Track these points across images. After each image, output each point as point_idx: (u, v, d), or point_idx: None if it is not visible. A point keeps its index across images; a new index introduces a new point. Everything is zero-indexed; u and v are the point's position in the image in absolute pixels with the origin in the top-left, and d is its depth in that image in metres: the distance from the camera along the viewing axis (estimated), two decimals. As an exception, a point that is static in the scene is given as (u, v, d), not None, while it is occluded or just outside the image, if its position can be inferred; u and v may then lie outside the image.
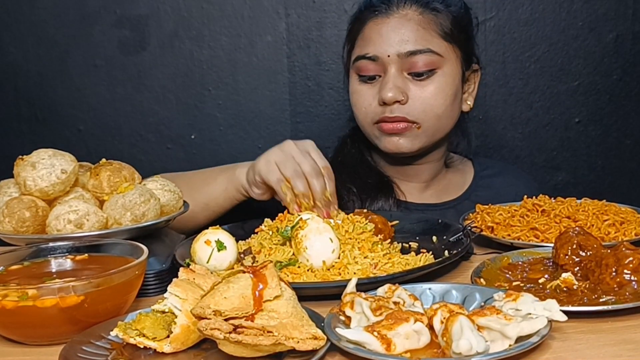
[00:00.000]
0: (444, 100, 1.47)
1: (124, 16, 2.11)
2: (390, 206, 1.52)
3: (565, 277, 0.96)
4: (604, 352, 0.80)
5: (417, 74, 1.45)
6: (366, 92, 1.50)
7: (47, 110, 2.16)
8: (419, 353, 0.78)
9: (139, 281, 0.95)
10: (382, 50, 1.46)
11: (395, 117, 1.46)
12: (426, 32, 1.46)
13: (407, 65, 1.45)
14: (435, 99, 1.46)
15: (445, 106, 1.48)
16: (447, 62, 1.48)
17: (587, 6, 2.12)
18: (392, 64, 1.45)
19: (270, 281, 0.82)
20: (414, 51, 1.44)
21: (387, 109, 1.46)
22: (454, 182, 1.66)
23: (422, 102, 1.46)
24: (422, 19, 1.46)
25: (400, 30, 1.46)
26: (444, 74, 1.47)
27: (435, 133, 1.50)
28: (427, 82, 1.46)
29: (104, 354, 0.82)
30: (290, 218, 1.19)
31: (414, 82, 1.46)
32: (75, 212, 1.07)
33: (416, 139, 1.49)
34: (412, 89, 1.46)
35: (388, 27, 1.47)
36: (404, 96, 1.45)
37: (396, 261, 1.10)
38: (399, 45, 1.45)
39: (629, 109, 2.18)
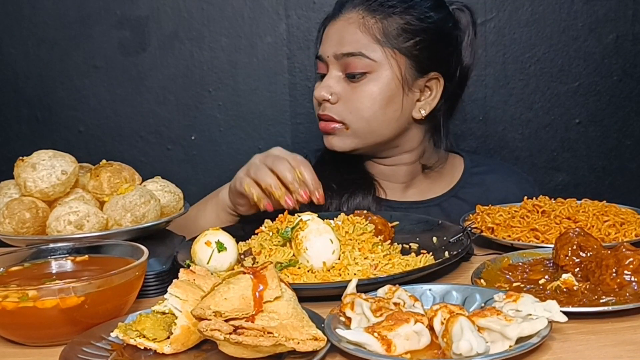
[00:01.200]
0: (371, 104, 1.47)
1: (124, 17, 2.11)
2: (369, 203, 1.52)
3: (566, 278, 0.96)
4: (604, 353, 0.80)
5: (351, 75, 1.48)
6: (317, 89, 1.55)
7: (47, 111, 2.16)
8: (419, 354, 0.78)
9: (139, 282, 0.95)
10: (324, 50, 1.51)
11: (324, 114, 1.50)
12: (363, 36, 1.47)
13: (342, 66, 1.49)
14: (362, 102, 1.47)
15: (373, 110, 1.47)
16: (382, 68, 1.47)
17: (588, 7, 2.12)
18: (331, 65, 1.50)
19: (271, 282, 0.82)
20: (347, 53, 1.47)
21: (321, 107, 1.51)
22: (440, 180, 1.64)
23: (350, 104, 1.48)
24: (363, 23, 1.48)
25: (341, 33, 1.50)
26: (376, 78, 1.47)
27: (367, 136, 1.50)
28: (358, 84, 1.48)
29: (105, 355, 0.83)
30: (290, 219, 1.19)
31: (349, 83, 1.49)
32: (76, 213, 1.07)
33: (347, 139, 1.51)
34: (346, 89, 1.49)
35: (333, 29, 1.52)
36: (332, 96, 1.48)
37: (396, 262, 1.10)
38: (336, 46, 1.49)
39: (629, 110, 2.18)
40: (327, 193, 1.51)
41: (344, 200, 1.52)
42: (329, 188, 1.52)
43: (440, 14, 1.53)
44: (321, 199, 1.29)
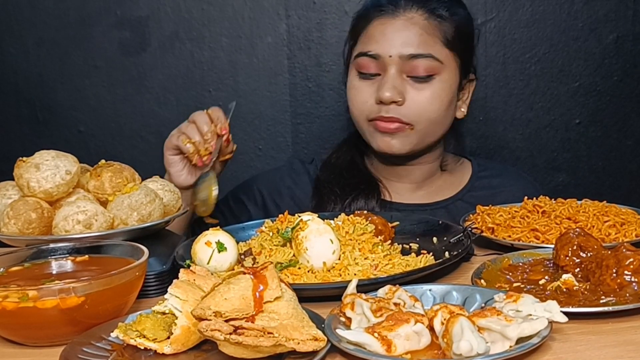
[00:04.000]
0: (439, 106, 1.49)
1: (125, 17, 2.11)
2: (373, 206, 1.52)
3: (566, 278, 0.96)
4: (604, 353, 0.80)
5: (416, 77, 1.47)
6: (364, 88, 1.50)
7: (47, 111, 2.16)
8: (420, 354, 0.78)
9: (139, 282, 0.95)
10: (384, 50, 1.47)
11: (390, 117, 1.47)
12: (430, 37, 1.47)
13: (407, 67, 1.46)
14: (431, 103, 1.48)
15: (439, 111, 1.49)
16: (446, 69, 1.49)
17: (588, 7, 2.12)
18: (392, 65, 1.46)
19: (271, 282, 0.82)
20: (416, 55, 1.45)
21: (384, 108, 1.47)
22: (448, 183, 1.66)
23: (418, 105, 1.47)
24: (427, 24, 1.48)
25: (405, 33, 1.47)
26: (442, 80, 1.48)
27: (426, 136, 1.52)
28: (424, 86, 1.47)
29: (105, 355, 0.82)
30: (290, 219, 1.19)
31: (412, 85, 1.47)
32: (84, 213, 1.08)
33: (407, 140, 1.50)
34: (409, 91, 1.47)
35: (393, 28, 1.48)
36: (401, 97, 1.46)
37: (396, 262, 1.10)
38: (401, 47, 1.46)
39: (629, 110, 2.18)
40: (331, 197, 1.52)
41: (347, 204, 1.52)
42: (332, 193, 1.53)
43: (471, 19, 1.58)
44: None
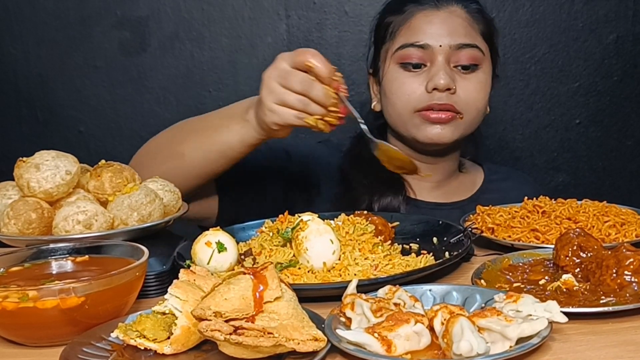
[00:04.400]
0: (484, 95, 1.53)
1: (125, 17, 2.11)
2: (399, 203, 1.53)
3: (566, 278, 0.96)
4: (604, 353, 0.80)
5: (463, 66, 1.50)
6: (410, 79, 1.51)
7: (47, 111, 2.16)
8: (420, 354, 0.78)
9: (139, 282, 0.95)
10: (433, 39, 1.49)
11: (443, 104, 1.48)
12: (471, 29, 1.52)
13: (454, 57, 1.49)
14: (478, 92, 1.52)
15: (484, 101, 1.54)
16: (486, 61, 1.54)
17: (588, 7, 2.12)
18: (440, 54, 1.49)
19: (271, 282, 0.82)
20: (464, 44, 1.49)
21: (436, 96, 1.48)
22: (463, 185, 1.68)
23: (468, 94, 1.50)
24: (467, 17, 1.53)
25: (450, 24, 1.51)
26: (484, 71, 1.53)
27: (470, 126, 1.55)
28: (471, 76, 1.51)
29: (105, 355, 0.82)
30: (290, 219, 1.19)
31: (460, 74, 1.50)
32: (84, 213, 1.08)
33: (457, 130, 1.51)
34: (458, 80, 1.50)
35: (439, 19, 1.51)
36: (454, 85, 1.48)
37: (397, 262, 1.09)
38: (450, 36, 1.49)
39: (629, 110, 2.18)
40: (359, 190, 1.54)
41: (375, 199, 1.53)
42: (361, 185, 1.54)
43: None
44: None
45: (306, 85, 1.18)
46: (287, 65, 1.20)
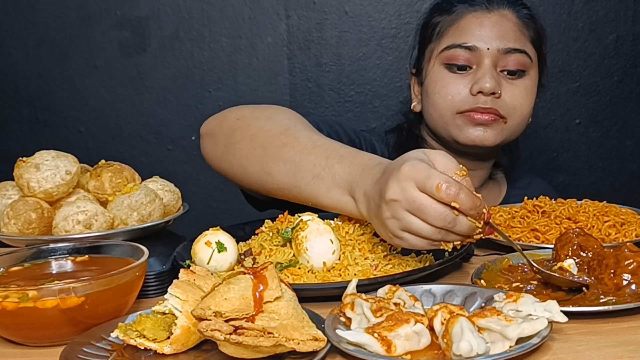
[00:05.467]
0: (530, 102, 1.51)
1: (125, 17, 2.11)
2: None
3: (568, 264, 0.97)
4: (604, 353, 0.80)
5: (510, 72, 1.48)
6: (456, 80, 1.49)
7: (47, 111, 2.16)
8: (420, 354, 0.78)
9: (139, 282, 0.95)
10: (481, 42, 1.47)
11: (488, 108, 1.46)
12: (521, 34, 1.50)
13: (502, 62, 1.47)
14: (524, 98, 1.49)
15: (529, 108, 1.51)
16: (534, 68, 1.52)
17: (588, 7, 2.12)
18: (487, 58, 1.47)
19: (271, 282, 0.82)
20: (512, 49, 1.47)
21: (481, 99, 1.46)
22: (492, 191, 1.68)
23: (514, 99, 1.48)
24: (518, 22, 1.50)
25: (501, 27, 1.48)
26: (531, 77, 1.51)
27: (513, 133, 1.52)
28: (518, 81, 1.49)
29: (105, 355, 0.82)
30: (290, 219, 1.19)
31: (506, 79, 1.48)
32: (84, 213, 1.08)
33: (500, 134, 1.49)
34: (504, 85, 1.48)
35: (489, 22, 1.49)
36: (499, 90, 1.46)
37: (396, 262, 1.09)
38: (499, 40, 1.47)
39: (629, 110, 2.19)
40: None
41: None
42: None
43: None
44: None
45: (449, 223, 0.94)
46: (417, 193, 0.94)
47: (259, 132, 1.22)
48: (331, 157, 1.11)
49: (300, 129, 1.22)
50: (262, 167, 1.18)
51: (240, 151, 1.22)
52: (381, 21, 2.15)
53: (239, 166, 1.21)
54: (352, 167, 1.08)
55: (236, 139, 1.24)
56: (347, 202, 1.08)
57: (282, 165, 1.15)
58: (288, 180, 1.15)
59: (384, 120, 1.77)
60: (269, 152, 1.18)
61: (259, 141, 1.20)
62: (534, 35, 1.52)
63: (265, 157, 1.18)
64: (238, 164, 1.21)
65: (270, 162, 1.17)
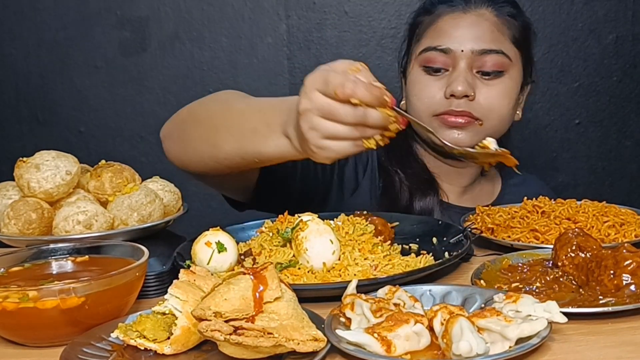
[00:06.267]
0: (508, 102, 1.50)
1: (125, 17, 2.11)
2: (433, 205, 1.52)
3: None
4: (604, 353, 0.80)
5: (486, 73, 1.47)
6: (431, 83, 1.49)
7: (47, 111, 2.16)
8: (419, 355, 0.78)
9: (139, 283, 0.95)
10: (456, 44, 1.47)
11: (461, 111, 1.46)
12: (500, 34, 1.48)
13: (477, 63, 1.47)
14: (500, 99, 1.48)
15: (508, 109, 1.50)
16: (514, 67, 1.50)
17: (587, 8, 2.12)
18: (462, 60, 1.46)
19: (271, 283, 0.82)
20: (487, 50, 1.46)
21: (454, 102, 1.46)
22: (485, 189, 1.68)
23: (488, 101, 1.47)
24: (497, 21, 1.49)
25: (476, 28, 1.48)
26: (510, 77, 1.50)
27: (494, 133, 1.50)
28: (494, 82, 1.48)
29: (105, 356, 0.83)
30: (290, 220, 1.19)
31: (482, 80, 1.48)
32: (84, 213, 1.08)
33: (476, 136, 1.48)
34: (479, 86, 1.47)
35: (465, 23, 1.48)
36: (472, 92, 1.46)
37: (396, 263, 1.10)
38: (473, 42, 1.46)
39: (628, 111, 2.19)
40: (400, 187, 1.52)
41: (417, 198, 1.51)
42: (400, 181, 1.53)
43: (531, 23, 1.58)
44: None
45: (359, 116, 0.99)
46: (323, 98, 0.99)
47: (204, 114, 1.28)
48: (263, 109, 1.17)
49: (239, 99, 1.28)
50: (210, 142, 1.23)
51: (191, 137, 1.27)
52: (381, 21, 2.15)
53: (193, 152, 1.25)
54: (281, 110, 1.11)
55: (187, 128, 1.29)
56: (284, 144, 1.11)
57: (225, 133, 1.20)
58: (232, 145, 1.19)
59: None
60: (213, 128, 1.23)
61: (204, 121, 1.26)
62: (516, 33, 1.51)
63: (212, 133, 1.23)
64: (192, 150, 1.25)
65: (216, 136, 1.22)
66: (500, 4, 1.51)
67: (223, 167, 1.25)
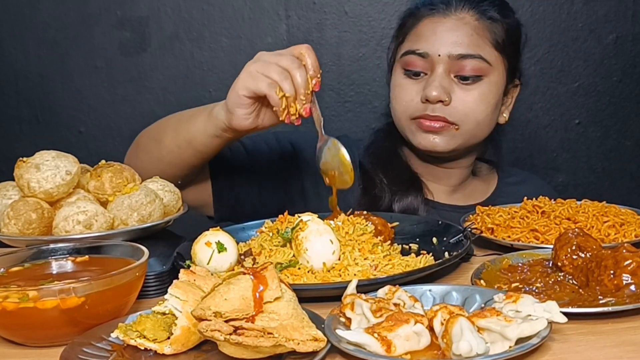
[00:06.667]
0: (485, 107, 1.49)
1: (125, 17, 2.11)
2: (418, 204, 1.52)
3: None
4: (604, 353, 0.80)
5: (464, 77, 1.46)
6: (409, 87, 1.50)
7: (47, 111, 2.16)
8: (419, 355, 0.78)
9: (139, 283, 0.95)
10: (433, 48, 1.46)
11: (436, 116, 1.46)
12: (479, 38, 1.47)
13: (455, 67, 1.46)
14: (477, 104, 1.47)
15: (485, 113, 1.49)
16: (495, 71, 1.49)
17: (587, 8, 2.12)
18: (440, 64, 1.46)
19: (271, 283, 0.82)
20: (465, 55, 1.45)
21: (429, 107, 1.46)
22: (478, 188, 1.68)
23: (465, 105, 1.47)
24: (477, 25, 1.48)
25: (455, 33, 1.47)
26: (489, 82, 1.48)
27: (471, 138, 1.51)
28: (472, 87, 1.47)
29: (105, 356, 0.83)
30: (290, 220, 1.19)
31: (459, 85, 1.47)
32: (84, 213, 1.08)
33: (452, 140, 1.49)
34: (456, 91, 1.46)
35: (443, 27, 1.48)
36: (447, 97, 1.45)
37: (396, 263, 1.10)
38: (451, 46, 1.46)
39: (628, 111, 2.19)
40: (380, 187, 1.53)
41: (397, 199, 1.52)
42: (380, 182, 1.54)
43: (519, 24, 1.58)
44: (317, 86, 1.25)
45: (294, 64, 1.22)
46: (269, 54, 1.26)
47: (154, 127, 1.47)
48: (201, 107, 1.38)
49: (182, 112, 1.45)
50: (155, 141, 1.42)
51: (146, 149, 1.45)
52: (381, 21, 2.15)
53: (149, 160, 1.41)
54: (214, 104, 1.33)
55: (142, 143, 1.48)
56: (210, 119, 1.31)
57: (168, 130, 1.40)
58: (175, 136, 1.37)
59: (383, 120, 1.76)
60: (159, 133, 1.43)
61: (154, 131, 1.46)
62: (499, 36, 1.49)
63: (156, 135, 1.43)
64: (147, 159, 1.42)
65: (159, 134, 1.42)
66: (483, 7, 1.50)
67: (164, 163, 1.39)
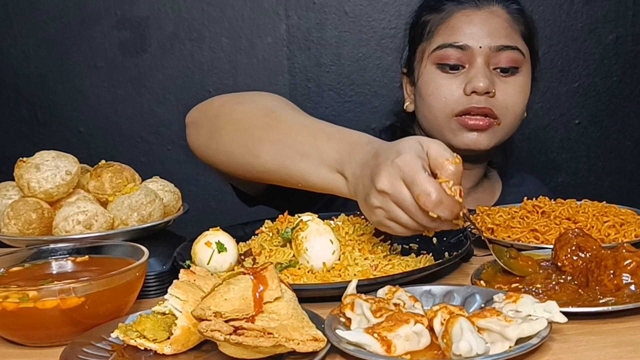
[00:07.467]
0: (523, 99, 1.49)
1: (125, 18, 2.11)
2: None
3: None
4: (604, 353, 0.80)
5: (503, 69, 1.46)
6: (448, 81, 1.47)
7: (47, 111, 2.17)
8: (419, 355, 0.78)
9: (139, 283, 0.95)
10: (473, 40, 1.45)
11: (483, 107, 1.43)
12: (512, 30, 1.48)
13: (494, 59, 1.45)
14: (517, 96, 1.47)
15: (523, 105, 1.49)
16: (526, 64, 1.50)
17: (587, 8, 2.12)
18: (479, 56, 1.45)
19: (271, 283, 0.82)
20: (505, 46, 1.45)
21: (475, 99, 1.44)
22: (487, 191, 1.67)
23: (506, 98, 1.46)
24: (508, 17, 1.48)
25: (491, 24, 1.46)
26: (524, 74, 1.49)
27: (508, 132, 1.50)
28: (510, 79, 1.47)
29: (105, 356, 0.83)
30: (290, 220, 1.19)
31: (499, 77, 1.46)
32: (84, 213, 1.08)
33: (494, 137, 1.47)
34: (497, 83, 1.45)
35: (479, 19, 1.47)
36: (493, 88, 1.44)
37: (396, 263, 1.10)
38: (490, 37, 1.45)
39: (628, 111, 2.19)
40: None
41: None
42: None
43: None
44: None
45: (431, 224, 0.96)
46: (406, 193, 0.94)
47: (243, 115, 1.21)
48: (319, 136, 1.09)
49: (286, 109, 1.21)
50: (249, 149, 1.16)
51: (225, 136, 1.21)
52: (381, 21, 2.15)
53: (225, 151, 1.19)
54: (341, 144, 1.06)
55: (221, 124, 1.22)
56: (336, 180, 1.06)
57: (269, 147, 1.13)
58: (275, 162, 1.13)
59: (383, 120, 1.76)
60: (254, 135, 1.16)
61: (244, 124, 1.18)
62: (525, 30, 1.50)
63: (251, 140, 1.16)
64: (224, 149, 1.20)
65: (256, 144, 1.15)
66: (508, 1, 1.50)
67: (256, 176, 1.19)
